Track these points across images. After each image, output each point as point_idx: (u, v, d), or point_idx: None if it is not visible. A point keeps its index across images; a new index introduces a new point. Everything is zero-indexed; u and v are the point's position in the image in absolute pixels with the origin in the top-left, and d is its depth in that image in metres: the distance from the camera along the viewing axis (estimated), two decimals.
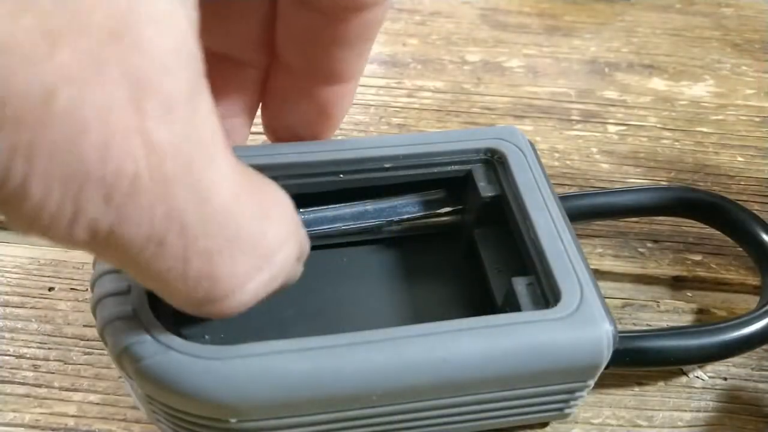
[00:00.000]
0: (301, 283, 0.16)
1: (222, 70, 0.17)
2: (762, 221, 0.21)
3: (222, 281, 0.12)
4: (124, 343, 0.14)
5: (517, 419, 0.17)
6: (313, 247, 0.18)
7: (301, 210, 0.19)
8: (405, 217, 0.19)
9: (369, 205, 0.19)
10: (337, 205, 0.19)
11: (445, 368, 0.14)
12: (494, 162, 0.19)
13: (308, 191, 0.18)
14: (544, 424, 0.18)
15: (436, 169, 0.19)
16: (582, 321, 0.15)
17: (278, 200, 0.14)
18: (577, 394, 0.16)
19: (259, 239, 0.12)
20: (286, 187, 0.18)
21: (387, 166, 0.18)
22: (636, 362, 0.17)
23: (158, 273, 0.11)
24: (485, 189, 0.18)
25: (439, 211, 0.20)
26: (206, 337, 0.16)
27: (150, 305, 0.14)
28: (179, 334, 0.14)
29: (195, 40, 0.10)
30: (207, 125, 0.11)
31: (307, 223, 0.18)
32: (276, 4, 0.16)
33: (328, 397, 0.14)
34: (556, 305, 0.15)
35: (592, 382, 0.16)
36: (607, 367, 0.16)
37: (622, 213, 0.22)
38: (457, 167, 0.19)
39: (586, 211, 0.21)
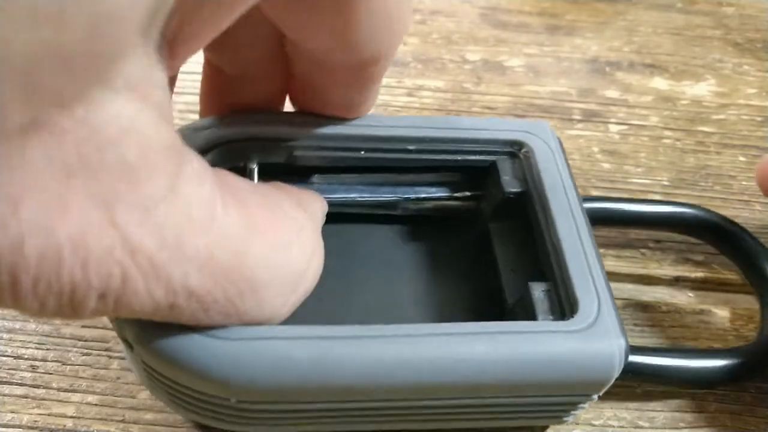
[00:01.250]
0: None
1: (242, 87, 0.17)
2: None
3: (252, 316, 0.12)
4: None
5: (516, 422, 0.16)
6: (327, 219, 0.17)
7: (316, 175, 0.18)
8: (422, 196, 0.19)
9: (387, 180, 0.19)
10: (355, 176, 0.19)
11: (455, 371, 0.14)
12: (520, 156, 0.18)
13: (327, 164, 0.18)
14: (543, 427, 0.18)
15: (459, 157, 0.18)
16: (597, 335, 0.14)
17: (292, 216, 0.13)
18: (580, 405, 0.16)
19: (281, 270, 0.12)
20: (305, 158, 0.17)
21: (411, 148, 0.18)
22: (636, 378, 0.17)
23: (181, 321, 0.12)
24: (509, 184, 0.18)
25: (457, 194, 0.19)
26: None
27: None
28: None
29: (166, 128, 0.10)
30: (196, 197, 0.11)
31: (321, 191, 0.18)
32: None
33: (328, 388, 0.13)
34: (572, 317, 0.14)
35: (596, 397, 0.15)
36: None
37: (632, 223, 0.22)
38: (481, 157, 0.18)
39: (594, 217, 0.21)
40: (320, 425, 0.15)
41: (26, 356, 0.19)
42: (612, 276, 0.22)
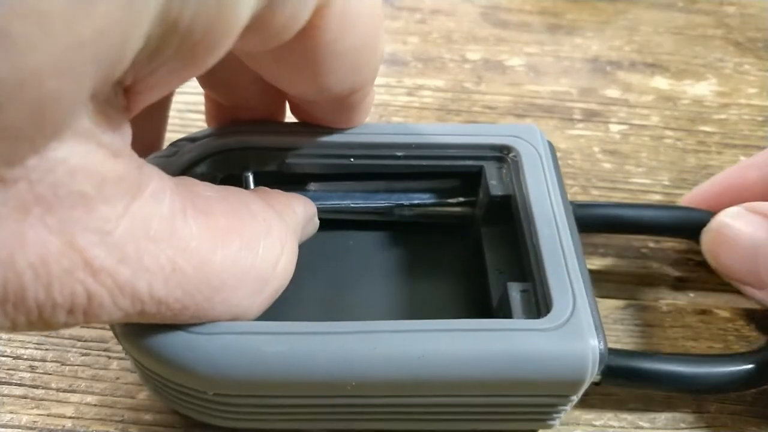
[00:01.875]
0: (306, 263, 0.16)
1: (241, 114, 0.18)
2: None
3: (222, 316, 0.13)
4: None
5: (495, 426, 0.16)
6: (322, 225, 0.18)
7: (312, 183, 0.19)
8: (416, 202, 0.19)
9: (381, 187, 0.19)
10: (349, 183, 0.19)
11: (421, 366, 0.14)
12: (508, 160, 0.18)
13: (318, 172, 0.18)
14: None
15: (448, 162, 0.18)
16: (569, 334, 0.14)
17: (261, 218, 0.14)
18: (560, 407, 0.15)
19: (248, 272, 0.13)
20: (297, 166, 0.18)
21: (399, 154, 0.18)
22: (629, 383, 0.17)
23: (153, 322, 0.12)
24: (495, 188, 0.18)
25: (450, 200, 0.19)
26: None
27: None
28: None
29: (117, 161, 0.11)
30: (154, 215, 0.11)
31: (316, 198, 0.18)
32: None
33: (300, 382, 0.14)
34: (546, 315, 0.15)
35: (575, 398, 0.15)
36: (598, 384, 0.16)
37: (637, 229, 0.21)
38: (470, 162, 0.18)
39: (600, 222, 0.21)
40: (296, 422, 0.16)
41: (25, 356, 0.19)
42: (613, 276, 0.22)
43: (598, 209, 0.21)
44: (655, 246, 0.23)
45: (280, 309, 0.15)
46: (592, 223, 0.21)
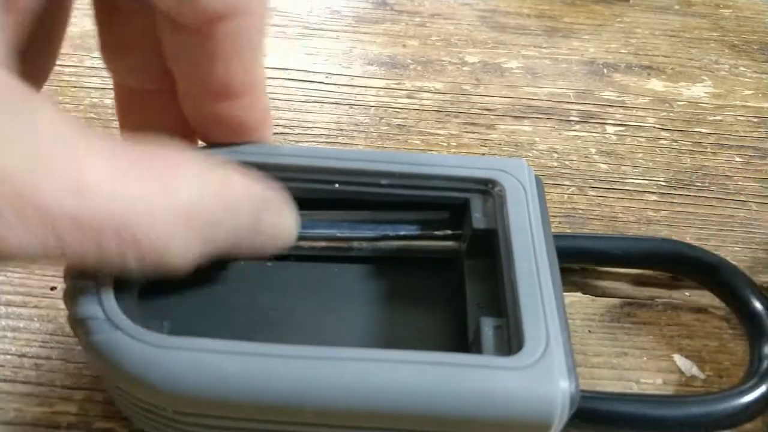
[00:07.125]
0: (288, 291, 0.16)
1: (144, 102, 0.17)
2: (760, 291, 0.20)
3: (144, 255, 0.12)
4: (80, 315, 0.14)
5: None
6: (305, 255, 0.18)
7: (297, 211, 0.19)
8: (401, 233, 0.19)
9: (366, 217, 0.19)
10: (334, 212, 0.19)
11: (381, 396, 0.13)
12: (493, 194, 0.18)
13: (302, 196, 0.18)
14: None
15: (433, 193, 0.18)
16: (539, 375, 0.14)
17: (180, 159, 0.13)
18: None
19: (157, 208, 0.12)
20: (282, 189, 0.18)
21: (383, 182, 0.18)
22: (590, 425, 0.17)
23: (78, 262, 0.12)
24: (478, 221, 0.18)
25: (436, 233, 0.19)
26: (165, 324, 0.15)
27: (115, 284, 0.14)
28: (138, 317, 0.14)
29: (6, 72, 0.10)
30: (50, 139, 0.11)
31: (302, 227, 0.18)
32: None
33: (257, 404, 0.13)
34: (517, 353, 0.14)
35: None
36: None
37: (613, 261, 0.22)
38: (455, 194, 0.18)
39: (576, 254, 0.21)
40: None
41: (30, 354, 0.19)
42: (609, 274, 0.22)
43: (571, 241, 0.21)
44: None
45: (255, 333, 0.14)
46: (567, 255, 0.20)
